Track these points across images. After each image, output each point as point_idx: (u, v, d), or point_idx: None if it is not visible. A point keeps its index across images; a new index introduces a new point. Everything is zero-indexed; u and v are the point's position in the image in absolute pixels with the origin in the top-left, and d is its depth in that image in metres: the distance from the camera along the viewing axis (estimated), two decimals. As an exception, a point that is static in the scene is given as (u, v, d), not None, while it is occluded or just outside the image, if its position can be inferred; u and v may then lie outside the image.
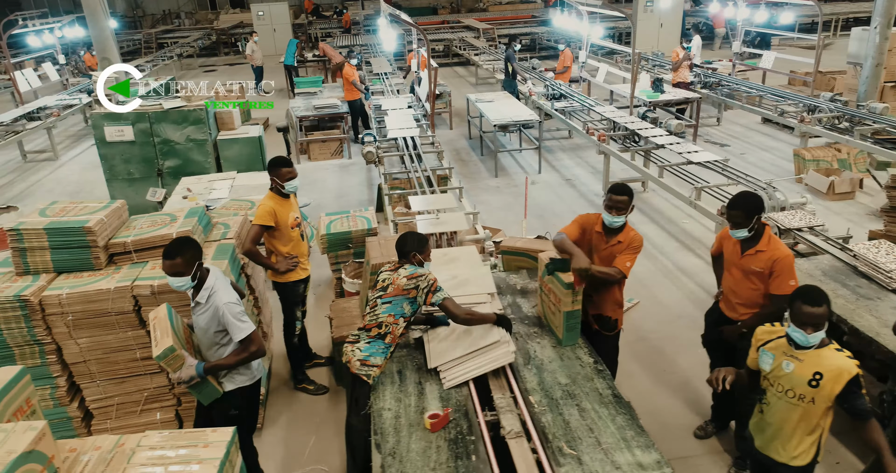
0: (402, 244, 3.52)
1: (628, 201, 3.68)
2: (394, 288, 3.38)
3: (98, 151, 6.93)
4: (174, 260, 3.13)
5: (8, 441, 2.22)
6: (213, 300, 3.23)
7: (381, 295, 3.43)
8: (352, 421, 3.50)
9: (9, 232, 3.81)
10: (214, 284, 3.29)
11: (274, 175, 4.18)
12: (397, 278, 3.39)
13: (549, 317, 3.73)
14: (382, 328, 3.40)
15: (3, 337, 3.70)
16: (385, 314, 3.39)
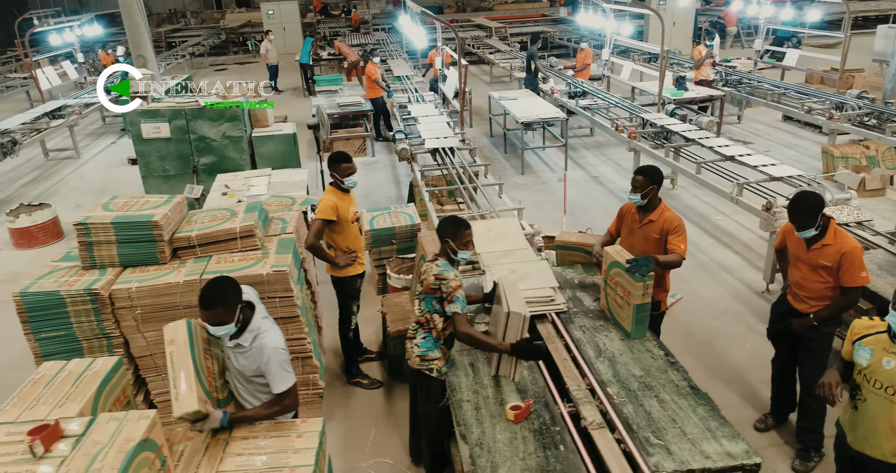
0: (438, 229, 3.46)
1: (643, 181, 3.93)
2: (426, 284, 3.35)
3: (134, 147, 6.95)
4: (214, 311, 2.79)
5: (124, 429, 2.25)
6: (260, 342, 2.93)
7: (420, 290, 3.44)
8: (424, 410, 3.52)
9: (76, 226, 3.82)
10: (261, 324, 2.99)
11: (334, 170, 4.20)
12: (429, 275, 3.33)
13: (615, 310, 3.75)
14: (427, 326, 3.43)
15: (73, 331, 3.72)
16: (424, 309, 3.41)
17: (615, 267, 3.66)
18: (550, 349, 3.60)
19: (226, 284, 2.89)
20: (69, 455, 2.15)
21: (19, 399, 2.47)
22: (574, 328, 3.74)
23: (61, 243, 7.62)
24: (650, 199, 3.99)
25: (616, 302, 3.71)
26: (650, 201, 4.00)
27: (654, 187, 3.97)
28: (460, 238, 3.42)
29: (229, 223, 4.05)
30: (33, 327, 3.70)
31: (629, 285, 3.53)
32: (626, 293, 3.56)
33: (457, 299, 3.26)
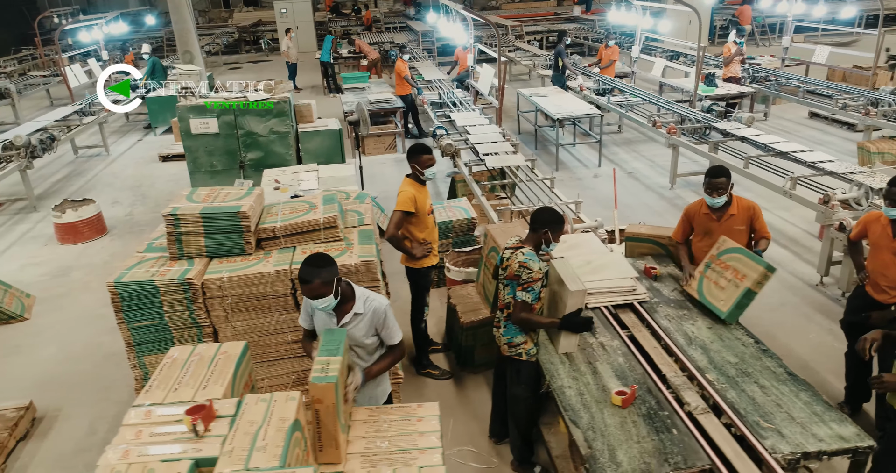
0: (539, 216, 3.45)
1: (726, 182, 4.02)
2: (510, 270, 3.40)
3: (182, 143, 6.98)
4: (311, 284, 2.85)
5: (275, 410, 2.30)
6: (372, 305, 3.06)
7: (505, 276, 3.48)
8: (514, 392, 3.57)
9: (166, 217, 3.88)
10: (365, 291, 3.13)
11: (414, 162, 4.25)
12: (513, 262, 3.37)
13: (711, 293, 3.78)
14: (510, 309, 3.47)
15: (165, 320, 3.78)
16: (508, 295, 3.44)
17: (732, 253, 3.75)
18: (637, 338, 3.66)
19: (323, 258, 2.97)
20: (228, 433, 2.20)
21: (161, 381, 2.52)
22: (659, 317, 3.80)
23: (105, 238, 7.66)
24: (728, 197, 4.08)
25: (718, 285, 3.75)
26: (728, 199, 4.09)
27: (732, 184, 4.08)
28: (559, 231, 3.48)
29: (311, 215, 4.10)
30: (126, 316, 3.75)
31: (751, 269, 3.61)
32: (741, 276, 3.63)
33: (532, 289, 3.32)
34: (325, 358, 2.49)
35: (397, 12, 28.43)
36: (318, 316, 3.10)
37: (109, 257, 7.13)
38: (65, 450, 4.19)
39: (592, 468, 2.70)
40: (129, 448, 2.12)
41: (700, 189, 8.09)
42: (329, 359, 2.49)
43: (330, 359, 2.49)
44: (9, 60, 18.11)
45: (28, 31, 26.48)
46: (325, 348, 2.58)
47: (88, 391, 4.79)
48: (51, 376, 5.00)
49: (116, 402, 4.65)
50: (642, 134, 10.97)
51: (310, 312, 3.15)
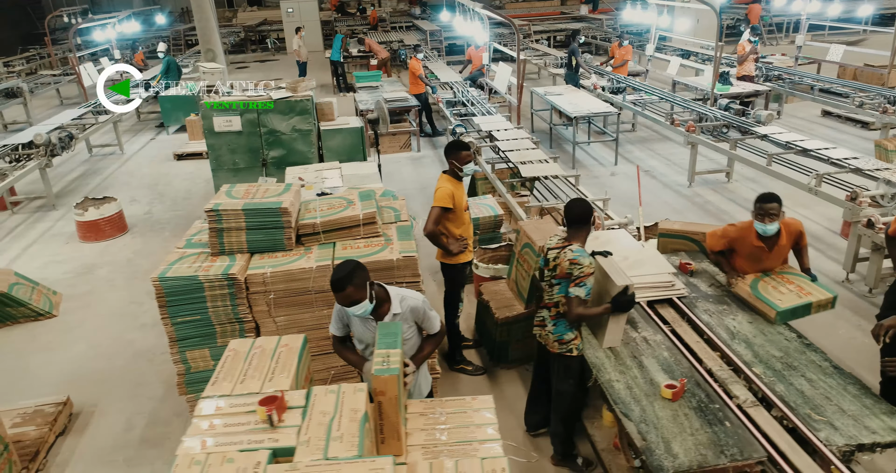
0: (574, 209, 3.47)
1: (778, 208, 3.80)
2: (560, 269, 3.41)
3: (206, 141, 6.99)
4: (345, 291, 2.85)
5: (345, 401, 2.32)
6: (408, 304, 3.11)
7: (554, 275, 3.48)
8: (560, 388, 3.59)
9: (208, 213, 3.89)
10: (398, 290, 3.16)
11: (453, 158, 4.27)
12: (563, 260, 3.38)
13: (768, 291, 3.76)
14: (560, 308, 3.47)
15: (209, 315, 3.79)
16: (558, 294, 3.45)
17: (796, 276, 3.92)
18: (679, 333, 3.68)
19: (352, 265, 2.96)
20: (302, 424, 2.22)
21: (226, 374, 2.54)
22: (699, 311, 3.82)
23: (126, 236, 7.68)
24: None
25: (777, 289, 3.77)
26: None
27: (783, 210, 3.85)
28: (594, 220, 3.51)
29: (350, 211, 4.12)
30: (170, 311, 3.77)
31: (813, 290, 3.76)
32: (805, 292, 3.74)
33: (584, 285, 3.32)
34: (384, 351, 2.51)
35: (402, 12, 28.48)
36: (356, 323, 3.10)
37: (132, 254, 7.15)
38: (104, 446, 4.21)
39: (649, 459, 2.72)
40: (206, 439, 2.14)
41: (717, 186, 8.10)
42: (388, 352, 2.50)
43: (389, 352, 2.50)
44: (17, 60, 18.14)
45: (33, 31, 26.64)
46: (383, 341, 2.59)
47: (122, 387, 4.81)
48: (84, 372, 5.02)
49: (151, 398, 4.67)
50: (656, 132, 10.99)
51: (342, 318, 3.15)
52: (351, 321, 3.10)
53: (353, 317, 3.04)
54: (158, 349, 5.28)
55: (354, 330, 3.12)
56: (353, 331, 3.13)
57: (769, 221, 3.78)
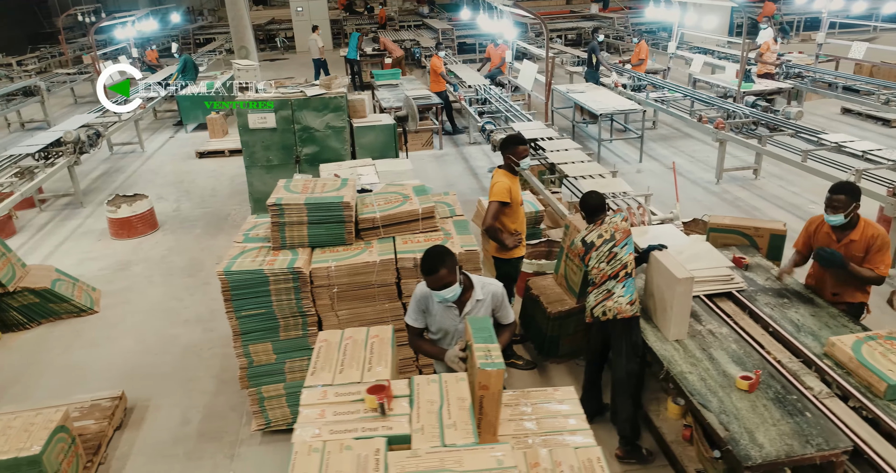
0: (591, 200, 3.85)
1: (845, 200, 3.64)
2: (621, 233, 3.70)
3: (240, 138, 7.00)
4: (438, 274, 2.88)
5: (449, 390, 2.37)
6: (489, 289, 3.13)
7: (614, 243, 3.69)
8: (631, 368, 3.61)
9: (271, 207, 3.90)
10: (478, 277, 3.18)
11: (509, 153, 4.28)
12: (617, 226, 3.71)
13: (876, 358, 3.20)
14: (628, 268, 3.66)
15: (273, 309, 3.80)
16: (627, 254, 3.68)
17: None
18: (742, 325, 3.70)
19: (441, 249, 3.02)
20: (411, 412, 2.24)
21: (322, 364, 2.55)
22: (760, 305, 3.84)
23: (157, 233, 7.69)
24: (851, 218, 3.71)
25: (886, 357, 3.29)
26: (850, 218, 3.71)
27: (856, 204, 3.68)
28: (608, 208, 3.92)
29: (408, 205, 4.13)
30: (235, 305, 3.77)
31: None
32: None
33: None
34: (482, 346, 2.48)
35: (408, 11, 28.50)
36: (438, 311, 3.11)
37: (166, 251, 7.17)
38: (162, 439, 4.23)
39: (735, 449, 2.74)
40: (319, 427, 2.16)
41: (745, 183, 8.12)
42: (488, 347, 2.48)
43: (489, 347, 2.48)
44: (30, 58, 18.14)
45: (40, 30, 26.65)
46: (479, 336, 2.55)
47: (173, 382, 4.83)
48: (132, 368, 5.03)
49: (204, 393, 4.69)
50: (677, 130, 11.01)
51: (422, 308, 3.15)
52: (430, 310, 3.11)
53: (434, 305, 3.05)
54: (205, 344, 5.31)
55: (434, 319, 3.12)
56: (432, 321, 3.14)
57: (831, 212, 3.69)
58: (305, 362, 3.96)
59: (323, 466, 1.98)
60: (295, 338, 3.90)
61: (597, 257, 3.73)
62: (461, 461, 1.99)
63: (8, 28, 23.32)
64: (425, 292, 3.07)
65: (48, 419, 3.56)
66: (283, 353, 3.93)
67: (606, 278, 3.68)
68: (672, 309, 3.47)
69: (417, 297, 3.11)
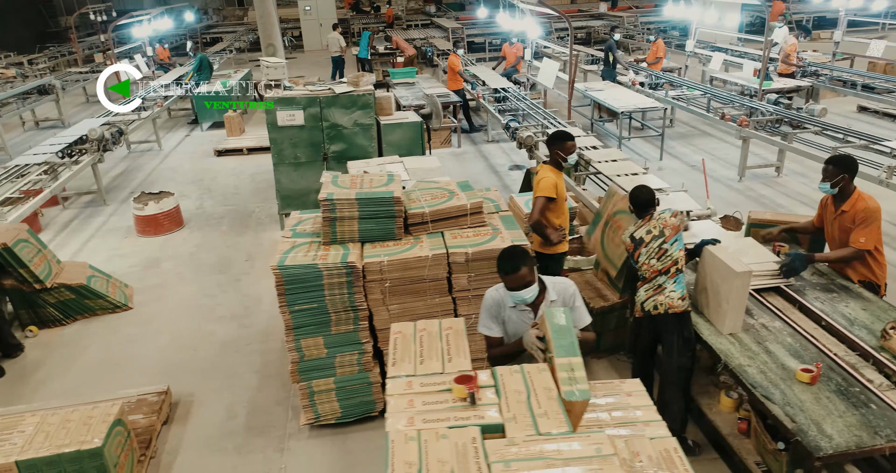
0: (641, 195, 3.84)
1: (832, 170, 3.95)
2: (671, 229, 3.69)
3: (269, 135, 7.02)
4: (519, 272, 2.83)
5: (534, 380, 2.38)
6: (560, 287, 3.08)
7: (664, 240, 3.69)
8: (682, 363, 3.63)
9: (322, 202, 3.93)
10: (548, 276, 3.13)
11: (558, 148, 4.30)
12: (667, 222, 3.71)
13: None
14: (679, 264, 3.66)
15: (325, 303, 3.82)
16: (677, 250, 3.67)
17: None
18: (794, 320, 3.72)
19: (520, 248, 3.00)
20: (500, 402, 2.25)
21: (401, 355, 2.57)
22: (811, 299, 3.86)
23: (183, 230, 7.71)
24: (842, 188, 3.96)
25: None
26: (843, 190, 3.97)
27: (844, 175, 3.92)
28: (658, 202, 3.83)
29: (456, 201, 4.16)
30: (289, 299, 3.80)
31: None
32: None
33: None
34: (565, 361, 2.38)
35: (414, 10, 28.52)
36: (512, 316, 3.02)
37: (194, 248, 7.18)
38: (210, 434, 4.25)
39: (805, 441, 2.76)
40: (412, 416, 2.18)
41: (768, 180, 8.14)
42: (570, 362, 2.38)
43: (572, 362, 2.38)
44: (41, 58, 18.13)
45: (46, 30, 26.66)
46: (560, 345, 2.44)
47: (215, 377, 4.84)
48: (171, 363, 5.04)
49: (247, 388, 4.71)
50: (694, 128, 11.03)
51: (495, 316, 3.05)
52: (507, 317, 3.01)
53: (507, 310, 2.98)
54: (243, 340, 5.32)
55: (507, 327, 3.03)
56: (511, 328, 3.02)
57: (821, 180, 4.03)
58: (356, 356, 3.99)
59: (422, 454, 2.00)
60: (346, 333, 3.92)
61: (646, 253, 3.74)
62: (560, 449, 2.01)
63: (15, 28, 23.34)
64: (496, 299, 3.01)
65: (106, 412, 3.58)
66: (334, 347, 3.95)
67: (657, 273, 3.69)
68: (728, 303, 3.49)
69: (488, 304, 3.02)
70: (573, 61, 8.04)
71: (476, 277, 3.92)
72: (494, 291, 3.03)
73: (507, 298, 2.95)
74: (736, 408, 3.68)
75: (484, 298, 3.07)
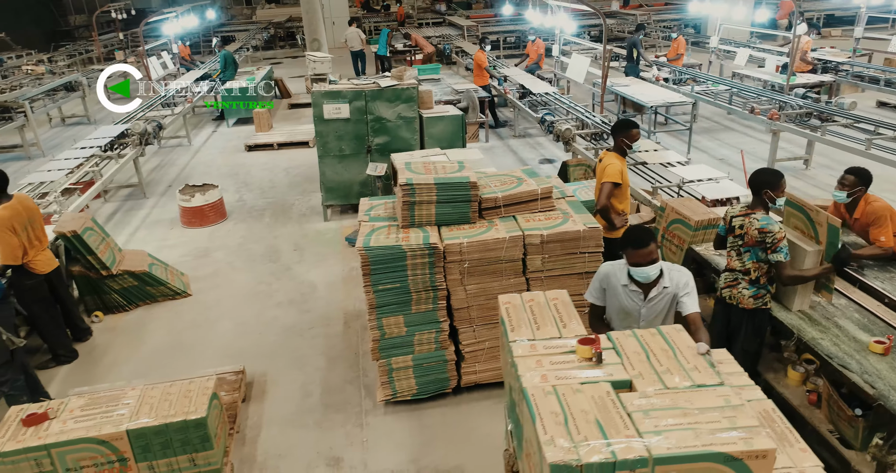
0: (755, 178, 3.76)
1: (853, 180, 4.10)
2: (748, 238, 3.65)
3: (314, 128, 7.19)
4: (648, 247, 2.95)
5: (648, 342, 2.54)
6: (676, 275, 3.15)
7: (742, 243, 3.71)
8: (746, 347, 3.79)
9: (403, 187, 4.10)
10: (663, 262, 3.16)
11: (623, 136, 4.48)
12: (751, 229, 3.63)
13: None
14: (752, 274, 3.69)
15: (407, 283, 4.00)
16: (750, 260, 3.69)
17: None
18: (857, 298, 3.90)
19: (646, 227, 3.16)
20: (621, 361, 2.43)
21: (517, 322, 2.74)
22: (870, 278, 4.03)
23: (228, 222, 7.87)
24: (855, 199, 4.15)
25: None
26: (854, 200, 4.15)
27: (862, 187, 4.10)
28: (781, 186, 3.70)
29: (526, 186, 4.33)
30: (373, 279, 3.97)
31: None
32: None
33: (781, 249, 3.56)
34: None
35: (423, 8, 28.70)
36: (618, 294, 3.16)
37: (241, 239, 7.35)
38: (289, 410, 4.42)
39: (888, 404, 2.93)
40: (544, 374, 2.35)
41: (797, 173, 8.33)
42: None
43: None
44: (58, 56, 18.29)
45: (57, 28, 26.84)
46: None
47: (283, 359, 5.01)
48: (239, 347, 5.21)
49: (317, 368, 4.88)
50: (717, 123, 11.22)
51: (604, 287, 3.23)
52: (615, 292, 3.18)
53: (617, 285, 3.15)
54: (304, 324, 5.50)
55: (613, 300, 3.20)
56: (614, 303, 3.21)
57: (838, 188, 4.18)
58: (433, 334, 4.17)
59: (563, 404, 2.17)
60: (425, 312, 4.10)
61: (731, 243, 3.79)
62: (691, 400, 2.18)
63: (26, 27, 23.51)
64: (609, 272, 3.20)
65: (203, 386, 3.74)
66: (414, 326, 4.12)
67: (733, 267, 3.77)
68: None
69: (601, 276, 3.23)
70: (606, 57, 8.21)
71: (549, 258, 4.10)
72: (611, 265, 3.22)
73: (621, 275, 3.14)
74: (803, 381, 3.85)
75: (598, 269, 3.28)
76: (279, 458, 3.99)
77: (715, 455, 1.93)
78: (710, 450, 1.94)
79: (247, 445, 4.12)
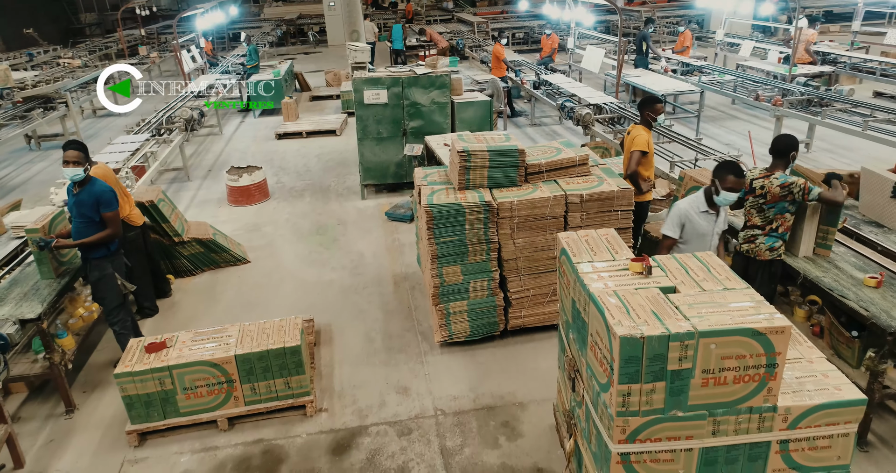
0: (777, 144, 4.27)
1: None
2: (771, 196, 4.20)
3: (355, 112, 7.81)
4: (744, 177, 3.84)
5: (686, 262, 3.14)
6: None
7: (764, 202, 4.26)
8: (766, 292, 4.38)
9: (460, 153, 4.71)
10: None
11: (648, 110, 5.10)
12: (772, 187, 4.17)
13: None
14: (774, 224, 4.28)
15: (464, 236, 4.62)
16: (774, 214, 4.23)
17: None
18: (854, 247, 4.52)
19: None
20: (666, 275, 3.04)
21: (576, 251, 3.34)
22: (865, 232, 4.65)
23: (271, 201, 8.48)
24: None
25: None
26: None
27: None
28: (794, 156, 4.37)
29: (565, 154, 4.95)
30: (436, 233, 4.59)
31: None
32: None
33: (812, 188, 4.13)
34: None
35: (430, 6, 29.32)
36: (697, 221, 3.91)
37: (287, 215, 7.96)
38: (356, 352, 5.03)
39: (879, 322, 3.56)
40: (606, 283, 2.96)
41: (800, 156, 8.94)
42: None
43: None
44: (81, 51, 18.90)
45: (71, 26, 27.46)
46: None
47: (344, 313, 5.63)
48: (303, 304, 5.81)
49: (375, 320, 5.50)
50: (722, 112, 11.84)
51: (682, 222, 3.93)
52: (690, 223, 3.92)
53: (697, 215, 3.90)
54: (360, 285, 6.11)
55: (694, 227, 3.92)
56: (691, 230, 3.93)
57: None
58: (486, 282, 4.79)
59: (625, 301, 2.78)
60: (479, 262, 4.72)
61: (751, 203, 4.33)
62: (724, 297, 2.80)
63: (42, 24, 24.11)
64: (687, 207, 3.93)
65: (293, 323, 4.36)
66: (469, 275, 4.74)
67: (754, 225, 4.32)
68: (802, 230, 4.29)
69: (680, 213, 3.93)
70: (622, 49, 8.82)
71: (587, 215, 4.72)
72: (685, 202, 3.95)
73: (700, 205, 3.90)
74: (807, 318, 4.47)
75: (673, 208, 3.99)
76: (354, 388, 4.61)
77: (746, 330, 2.54)
78: (742, 326, 2.55)
79: (324, 379, 4.74)
